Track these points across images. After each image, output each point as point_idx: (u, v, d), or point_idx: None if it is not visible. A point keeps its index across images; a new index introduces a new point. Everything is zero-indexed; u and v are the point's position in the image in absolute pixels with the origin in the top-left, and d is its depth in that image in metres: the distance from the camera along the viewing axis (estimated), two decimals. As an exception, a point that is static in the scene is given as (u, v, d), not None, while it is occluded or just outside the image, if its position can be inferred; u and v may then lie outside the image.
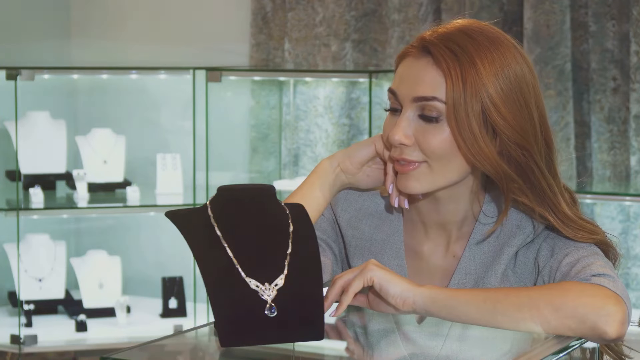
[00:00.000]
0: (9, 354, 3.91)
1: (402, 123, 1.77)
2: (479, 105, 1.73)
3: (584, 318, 1.62)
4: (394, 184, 1.84)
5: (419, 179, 1.79)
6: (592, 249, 1.79)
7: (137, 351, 1.52)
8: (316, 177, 1.88)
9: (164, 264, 4.41)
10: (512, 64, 1.76)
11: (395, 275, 1.70)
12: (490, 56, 1.75)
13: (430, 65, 1.76)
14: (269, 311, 1.54)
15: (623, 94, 3.85)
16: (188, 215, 1.64)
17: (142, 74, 4.21)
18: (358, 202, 1.94)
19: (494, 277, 1.81)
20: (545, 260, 1.79)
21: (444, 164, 1.78)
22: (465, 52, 1.74)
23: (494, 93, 1.74)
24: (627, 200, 3.69)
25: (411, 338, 1.73)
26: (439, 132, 1.76)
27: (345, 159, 1.88)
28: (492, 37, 1.77)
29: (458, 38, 1.75)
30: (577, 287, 1.66)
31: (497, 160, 1.76)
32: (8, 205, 3.95)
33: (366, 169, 1.89)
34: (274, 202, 1.64)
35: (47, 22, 4.52)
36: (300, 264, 1.60)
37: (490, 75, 1.74)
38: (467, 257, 1.84)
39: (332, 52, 4.21)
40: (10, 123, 3.99)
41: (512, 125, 1.75)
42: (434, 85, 1.75)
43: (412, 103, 1.77)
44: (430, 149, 1.76)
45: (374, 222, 1.92)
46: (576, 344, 1.61)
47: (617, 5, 3.84)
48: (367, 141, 1.89)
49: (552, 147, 1.82)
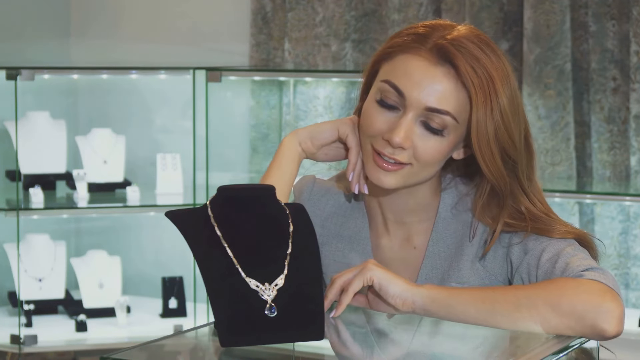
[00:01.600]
0: (9, 354, 3.91)
1: (405, 127, 1.76)
2: (493, 124, 1.75)
3: (582, 316, 1.62)
4: (357, 172, 1.85)
5: (396, 177, 1.79)
6: (567, 241, 1.78)
7: (137, 351, 1.52)
8: (283, 159, 1.90)
9: (164, 264, 4.41)
10: (511, 75, 1.78)
11: (394, 275, 1.70)
12: (501, 72, 1.76)
13: (450, 77, 1.75)
14: (269, 311, 1.54)
15: (623, 94, 3.85)
16: (188, 215, 1.64)
17: (142, 74, 4.21)
18: (322, 201, 1.96)
19: (463, 269, 1.82)
20: (520, 257, 1.79)
21: (426, 169, 1.80)
22: (484, 70, 1.74)
23: (505, 112, 1.75)
24: (627, 200, 3.69)
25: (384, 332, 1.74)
26: (439, 144, 1.77)
27: (307, 140, 1.90)
28: (495, 49, 1.78)
29: (475, 51, 1.75)
30: (573, 284, 1.66)
31: (506, 174, 1.78)
32: (8, 205, 3.95)
33: (324, 148, 1.91)
34: (274, 202, 1.64)
35: (47, 22, 4.52)
36: (300, 264, 1.60)
37: (503, 94, 1.75)
38: (432, 251, 1.85)
39: (332, 52, 4.21)
40: (10, 123, 3.98)
41: (514, 141, 1.77)
42: (452, 100, 1.75)
43: (420, 110, 1.76)
44: (425, 157, 1.77)
45: (339, 219, 1.94)
46: (576, 344, 1.61)
47: (617, 5, 3.84)
48: (330, 125, 1.89)
49: (532, 152, 1.83)
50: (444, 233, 1.86)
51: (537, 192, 1.84)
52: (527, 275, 1.77)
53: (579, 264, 1.70)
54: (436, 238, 1.86)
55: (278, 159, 1.90)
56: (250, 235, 1.59)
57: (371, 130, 1.80)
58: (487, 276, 1.81)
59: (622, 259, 3.90)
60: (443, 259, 1.84)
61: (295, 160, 1.91)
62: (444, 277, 1.83)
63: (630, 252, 3.88)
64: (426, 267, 1.85)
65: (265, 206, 1.62)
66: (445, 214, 1.86)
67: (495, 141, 1.75)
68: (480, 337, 1.68)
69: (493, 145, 1.75)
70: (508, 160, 1.78)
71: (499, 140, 1.75)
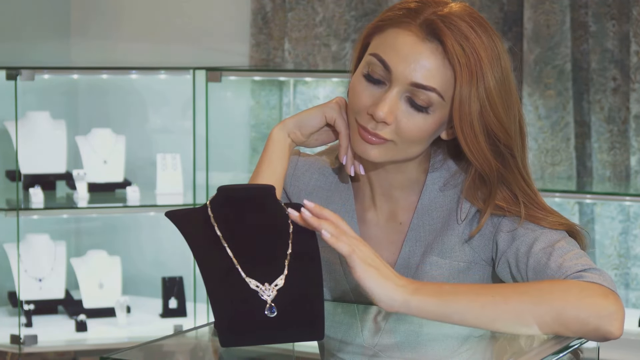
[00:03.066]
0: (9, 354, 3.91)
1: (389, 101, 1.73)
2: (478, 104, 1.73)
3: (587, 321, 1.61)
4: (351, 155, 1.84)
5: (380, 151, 1.77)
6: (560, 233, 1.76)
7: (137, 351, 1.52)
8: (273, 153, 1.88)
9: (164, 264, 4.41)
10: (503, 56, 1.76)
11: (380, 273, 1.62)
12: (490, 53, 1.74)
13: (437, 54, 1.73)
14: (268, 311, 1.54)
15: (623, 94, 3.85)
16: (188, 215, 1.64)
17: (142, 74, 4.21)
18: (306, 176, 1.95)
19: (447, 244, 1.80)
20: (507, 242, 1.76)
21: (410, 147, 1.77)
22: (473, 50, 1.72)
23: (491, 94, 1.73)
24: (627, 200, 3.69)
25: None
26: (423, 121, 1.75)
27: (296, 130, 1.88)
28: (488, 29, 1.76)
29: (466, 30, 1.73)
30: (576, 289, 1.64)
31: (492, 158, 1.76)
32: (8, 205, 3.95)
33: (314, 135, 1.90)
34: (274, 202, 1.64)
35: (47, 22, 4.52)
36: (301, 264, 1.60)
37: (490, 75, 1.73)
38: (416, 224, 1.83)
39: (332, 52, 4.21)
40: (10, 123, 3.98)
41: (503, 125, 1.74)
42: (438, 77, 1.73)
43: (406, 85, 1.74)
44: (407, 134, 1.75)
45: (324, 194, 1.92)
46: (576, 344, 1.61)
47: (617, 5, 3.84)
48: (316, 111, 1.87)
49: (525, 136, 1.81)
50: (430, 207, 1.83)
51: (528, 177, 1.83)
52: (516, 261, 1.74)
53: (576, 262, 1.69)
54: (421, 211, 1.83)
55: (268, 154, 1.88)
56: (250, 235, 1.59)
57: (356, 104, 1.78)
58: (472, 254, 1.80)
59: (622, 259, 3.90)
60: (427, 232, 1.82)
61: (285, 153, 1.88)
62: (427, 250, 1.81)
63: (630, 252, 3.88)
64: (410, 240, 1.83)
65: (265, 206, 1.62)
66: (432, 188, 1.84)
67: (480, 122, 1.73)
68: (479, 337, 1.68)
69: (477, 126, 1.73)
70: (498, 145, 1.75)
71: (484, 121, 1.73)
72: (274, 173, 1.87)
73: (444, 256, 1.79)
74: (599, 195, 3.74)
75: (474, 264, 1.80)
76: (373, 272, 1.62)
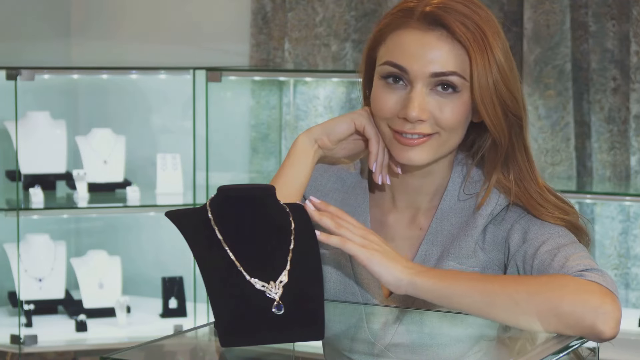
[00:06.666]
0: (9, 354, 3.91)
1: (417, 99, 1.75)
2: (492, 75, 1.75)
3: (582, 317, 1.62)
4: (380, 162, 1.83)
5: (426, 150, 1.78)
6: (569, 237, 1.78)
7: (137, 351, 1.53)
8: (296, 157, 1.86)
9: (164, 264, 4.41)
10: (500, 29, 1.80)
11: (389, 259, 1.67)
12: (492, 25, 1.78)
13: (444, 39, 1.75)
14: (276, 309, 1.54)
15: (623, 94, 3.85)
16: (188, 215, 1.64)
17: (142, 74, 4.21)
18: (324, 177, 1.94)
19: (464, 249, 1.80)
20: (518, 244, 1.78)
21: (452, 135, 1.79)
22: (476, 26, 1.76)
23: (502, 66, 1.76)
24: (627, 200, 3.69)
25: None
26: (455, 106, 1.77)
27: (323, 136, 1.86)
28: (482, 6, 1.80)
29: (463, 9, 1.76)
30: (574, 284, 1.65)
31: (506, 127, 1.78)
32: (8, 205, 3.95)
33: (342, 143, 1.88)
34: (274, 202, 1.64)
35: (47, 22, 4.52)
36: (302, 261, 1.60)
37: (497, 47, 1.76)
38: (435, 228, 1.84)
39: (332, 52, 4.21)
40: (10, 123, 3.99)
41: (512, 93, 1.77)
42: (452, 60, 1.75)
43: (426, 79, 1.75)
44: (446, 121, 1.77)
45: (340, 195, 1.92)
46: (576, 344, 1.61)
47: (617, 5, 3.84)
48: (345, 118, 1.86)
49: (526, 111, 1.84)
50: (449, 212, 1.84)
51: (530, 154, 1.85)
52: (522, 262, 1.76)
53: (579, 262, 1.70)
54: (440, 216, 1.84)
55: (291, 158, 1.86)
56: (251, 235, 1.59)
57: (385, 111, 1.79)
58: (485, 259, 1.81)
59: (622, 259, 3.90)
60: (445, 237, 1.83)
61: (310, 158, 1.86)
62: (443, 254, 1.82)
63: (630, 252, 3.88)
64: (427, 243, 1.84)
65: (265, 206, 1.62)
66: (453, 194, 1.85)
67: (496, 94, 1.76)
68: (478, 337, 1.68)
69: (495, 98, 1.75)
70: (510, 116, 1.78)
71: (499, 94, 1.76)
72: (296, 176, 1.86)
73: (460, 262, 1.80)
74: (599, 195, 3.74)
75: (488, 269, 1.81)
76: (378, 255, 1.67)
